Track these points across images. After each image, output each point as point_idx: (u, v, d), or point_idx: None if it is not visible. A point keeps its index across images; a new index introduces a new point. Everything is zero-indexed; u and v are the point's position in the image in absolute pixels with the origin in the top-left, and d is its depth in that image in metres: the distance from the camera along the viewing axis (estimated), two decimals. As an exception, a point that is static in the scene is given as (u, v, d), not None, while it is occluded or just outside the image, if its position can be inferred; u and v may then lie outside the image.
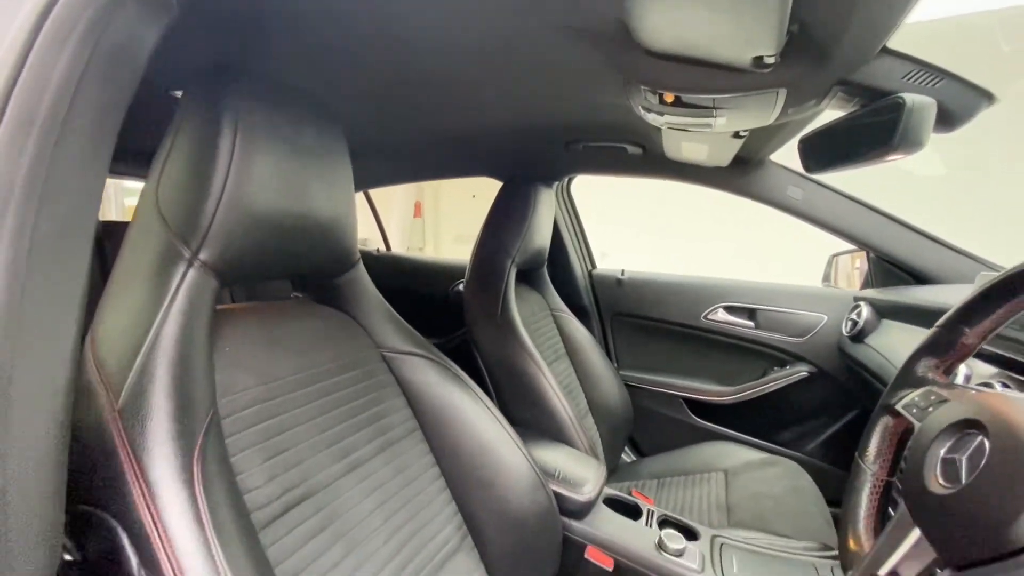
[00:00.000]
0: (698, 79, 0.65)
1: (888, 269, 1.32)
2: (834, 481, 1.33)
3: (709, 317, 1.54)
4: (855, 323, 1.25)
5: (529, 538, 0.78)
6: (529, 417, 1.14)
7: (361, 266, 0.78)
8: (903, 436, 0.56)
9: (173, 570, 0.38)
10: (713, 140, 1.04)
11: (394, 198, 4.84)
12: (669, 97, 0.72)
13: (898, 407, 0.55)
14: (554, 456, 0.97)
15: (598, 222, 1.78)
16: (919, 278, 1.25)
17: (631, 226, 2.51)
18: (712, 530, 0.91)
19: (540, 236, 1.33)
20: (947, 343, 0.52)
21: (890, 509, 0.54)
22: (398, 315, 0.82)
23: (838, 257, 1.60)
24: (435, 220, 5.31)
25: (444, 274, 1.88)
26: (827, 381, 1.40)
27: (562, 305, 1.52)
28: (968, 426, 0.42)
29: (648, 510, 0.94)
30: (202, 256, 0.52)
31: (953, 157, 2.13)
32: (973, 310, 0.50)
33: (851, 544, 0.53)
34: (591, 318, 1.69)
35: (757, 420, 1.49)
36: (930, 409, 0.50)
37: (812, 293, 1.47)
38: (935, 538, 0.41)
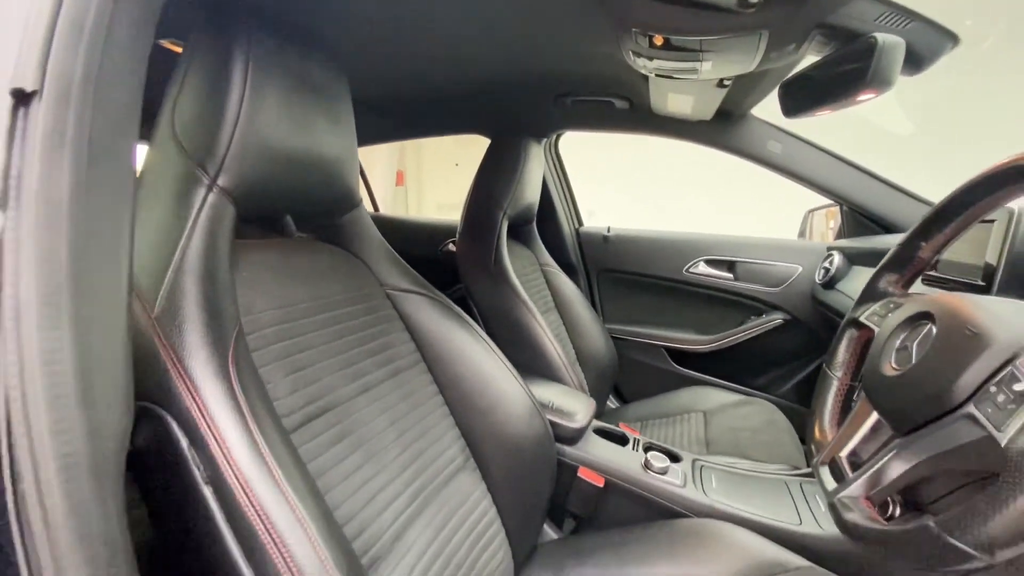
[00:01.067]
0: (687, 20, 0.69)
1: (860, 221, 1.39)
2: (804, 421, 1.43)
3: (691, 271, 1.61)
4: (827, 271, 1.33)
5: (527, 460, 0.85)
6: (524, 361, 1.19)
7: (363, 207, 0.81)
8: (865, 345, 0.63)
9: (219, 447, 0.42)
10: (698, 91, 1.08)
11: (376, 167, 4.78)
12: (659, 40, 0.75)
13: (861, 319, 0.61)
14: (548, 391, 1.03)
15: (584, 181, 1.82)
16: (889, 228, 1.33)
17: (616, 186, 2.56)
18: (693, 455, 0.99)
19: (530, 190, 1.37)
20: (905, 258, 0.58)
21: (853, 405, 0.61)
22: (398, 255, 0.86)
23: (813, 213, 1.67)
24: (418, 189, 5.27)
25: (433, 234, 1.91)
26: (800, 328, 1.49)
27: (551, 260, 1.56)
28: (919, 318, 0.48)
29: (634, 439, 1.01)
30: (220, 182, 0.54)
31: (923, 118, 2.22)
32: (929, 226, 0.56)
33: (817, 435, 0.60)
34: (578, 274, 1.75)
35: (734, 366, 1.58)
36: (889, 316, 0.56)
37: (788, 246, 1.55)
38: (888, 412, 0.47)
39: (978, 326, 0.40)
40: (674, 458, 0.96)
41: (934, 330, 0.45)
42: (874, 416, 0.51)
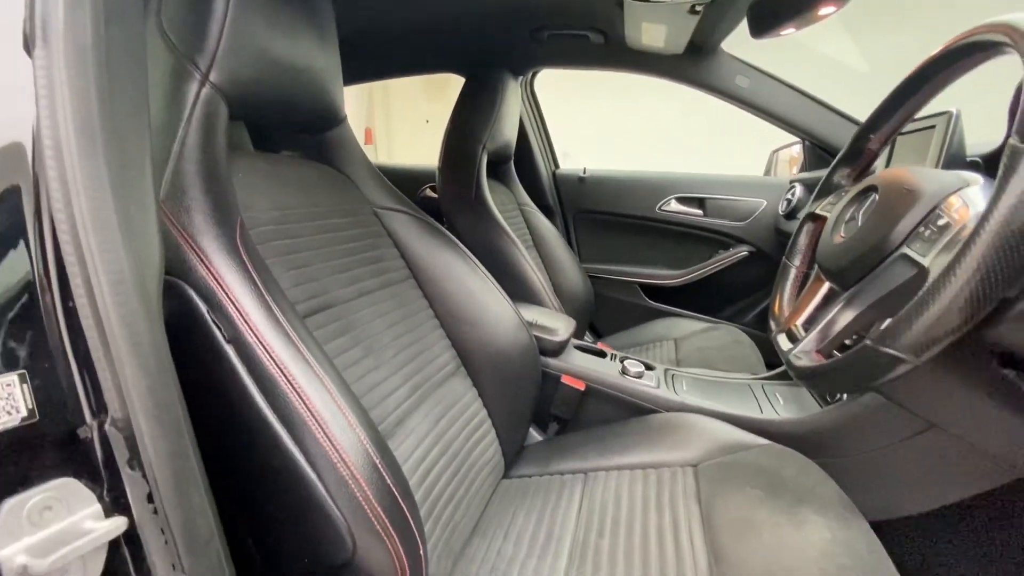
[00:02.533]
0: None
1: (820, 155, 1.46)
2: (769, 346, 1.54)
3: (663, 208, 1.67)
4: (789, 202, 1.40)
5: (513, 369, 0.90)
6: (508, 290, 1.23)
7: (348, 124, 0.83)
8: (820, 235, 0.69)
9: (237, 310, 0.45)
10: (670, 19, 1.11)
11: (344, 124, 4.63)
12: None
13: (817, 211, 0.67)
14: (531, 312, 1.08)
15: (559, 120, 1.84)
16: (845, 160, 1.41)
17: (590, 129, 2.58)
18: (664, 366, 1.07)
19: (508, 126, 1.39)
20: (856, 151, 0.64)
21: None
22: (382, 174, 0.88)
23: (777, 152, 1.74)
24: (387, 147, 5.15)
25: (411, 179, 1.91)
26: (764, 259, 1.58)
27: (529, 200, 1.60)
28: (866, 192, 0.54)
29: (611, 354, 1.08)
30: (213, 78, 0.55)
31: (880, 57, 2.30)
32: (876, 120, 0.62)
33: (776, 311, 0.67)
34: (555, 216, 1.79)
35: (703, 299, 1.67)
36: (839, 203, 0.63)
37: (754, 182, 1.62)
38: (837, 274, 0.54)
39: (913, 184, 0.46)
40: (648, 367, 1.04)
41: (877, 197, 0.51)
42: (825, 287, 0.58)
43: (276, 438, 0.44)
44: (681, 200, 1.66)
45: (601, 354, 1.07)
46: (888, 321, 0.40)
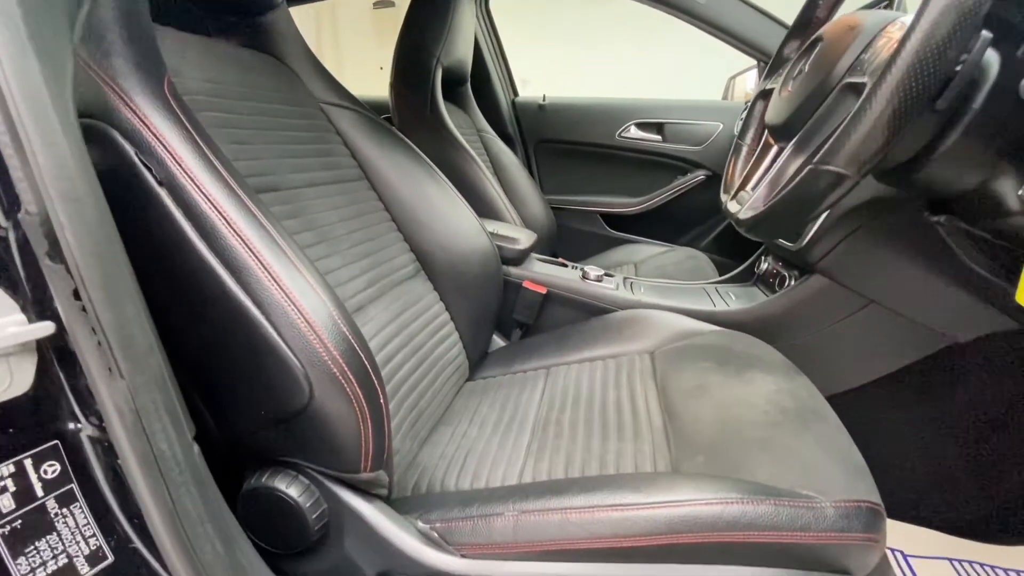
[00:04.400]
0: None
1: (774, 76, 1.48)
2: (725, 270, 1.59)
3: (623, 135, 1.67)
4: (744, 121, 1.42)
5: (475, 273, 0.90)
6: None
7: (286, 7, 0.77)
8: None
9: (168, 151, 0.42)
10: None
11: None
12: None
13: (767, 86, 0.68)
14: (492, 225, 1.07)
15: (517, 45, 1.79)
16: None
17: (548, 54, 2.51)
18: (624, 275, 1.09)
19: (463, 41, 1.33)
20: (805, 21, 0.65)
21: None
22: (325, 67, 0.83)
23: (734, 78, 1.75)
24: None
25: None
26: (719, 183, 1.61)
27: (488, 127, 1.56)
28: (812, 44, 0.55)
29: (572, 264, 1.09)
30: None
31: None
32: (825, -14, 0.62)
33: (726, 181, 0.69)
34: (516, 146, 1.76)
35: (662, 225, 1.70)
36: (788, 68, 0.63)
37: (712, 106, 1.63)
38: (783, 127, 0.55)
39: (855, 22, 0.47)
40: (608, 275, 1.06)
41: (823, 43, 0.52)
42: (773, 151, 0.60)
43: (220, 284, 0.42)
44: (640, 126, 1.65)
45: (563, 265, 1.08)
46: (828, 141, 0.41)
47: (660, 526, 0.43)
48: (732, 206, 0.62)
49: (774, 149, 0.59)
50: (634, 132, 1.66)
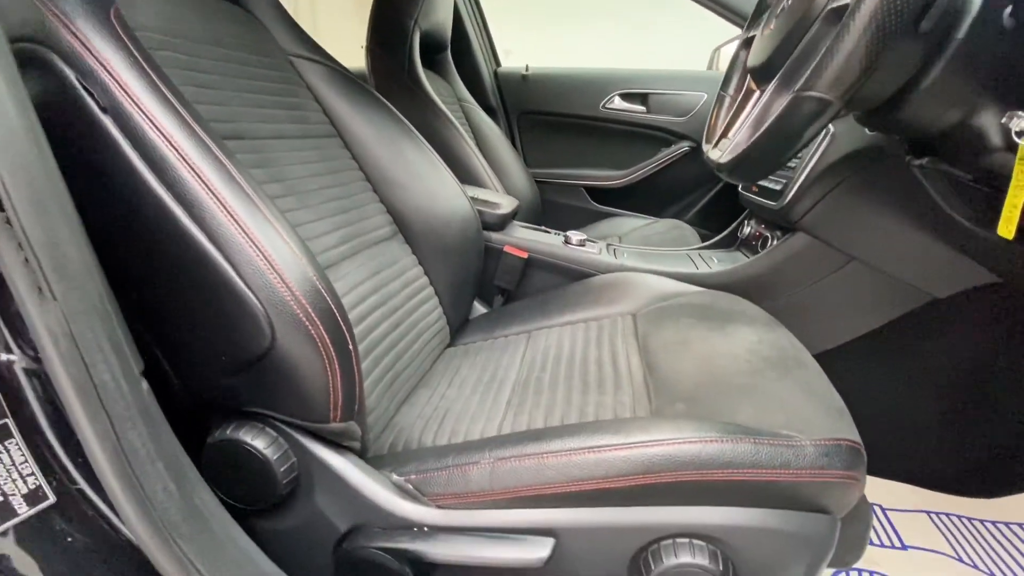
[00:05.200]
0: None
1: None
2: (709, 236, 1.59)
3: (607, 106, 1.64)
4: (729, 90, 1.41)
5: (454, 237, 0.88)
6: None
7: (250, -51, 0.73)
8: (753, 62, 0.69)
9: (111, 77, 0.39)
10: None
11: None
12: None
13: (749, 35, 0.66)
14: (472, 190, 1.05)
15: (499, 10, 1.74)
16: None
17: (531, 24, 2.45)
18: (606, 242, 1.08)
19: (442, 5, 1.29)
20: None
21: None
22: (293, 18, 0.80)
23: (719, 49, 1.73)
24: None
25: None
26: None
27: (469, 97, 1.52)
28: None
29: (555, 231, 1.07)
30: None
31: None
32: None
33: (708, 128, 0.67)
34: (498, 117, 1.73)
35: (647, 198, 1.68)
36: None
37: (696, 76, 1.61)
38: (766, 67, 0.53)
39: None
40: (590, 241, 1.04)
41: None
42: (755, 95, 0.58)
43: (172, 220, 0.40)
44: (624, 96, 1.63)
45: (545, 232, 1.06)
46: (808, 67, 0.40)
47: (637, 466, 0.42)
48: (714, 153, 0.61)
49: (756, 94, 0.57)
50: (618, 103, 1.64)
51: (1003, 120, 0.43)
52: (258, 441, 0.46)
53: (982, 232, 0.62)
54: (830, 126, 0.79)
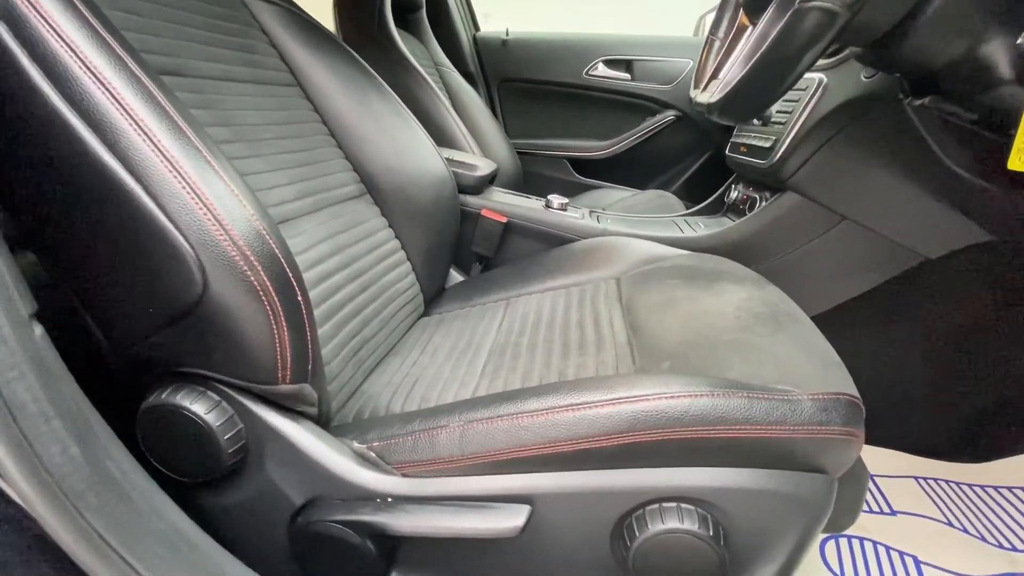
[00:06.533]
0: None
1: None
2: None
3: (590, 73, 1.59)
4: (715, 54, 1.36)
5: (427, 200, 0.82)
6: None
7: None
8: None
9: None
10: None
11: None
12: None
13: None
14: (448, 152, 0.99)
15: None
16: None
17: None
18: (589, 208, 1.04)
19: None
20: None
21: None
22: None
23: (706, 15, 1.68)
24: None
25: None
26: (689, 123, 1.56)
27: (447, 61, 1.45)
28: None
29: (535, 197, 1.02)
30: None
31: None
32: None
33: (700, 70, 0.63)
34: (478, 85, 1.66)
35: (632, 169, 1.64)
36: None
37: (681, 42, 1.56)
38: (757, 5, 0.48)
39: None
40: (572, 207, 0.99)
41: None
42: (748, 31, 0.53)
43: (80, 143, 0.34)
44: (608, 63, 1.57)
45: (525, 197, 1.01)
46: None
47: (621, 423, 0.38)
48: (703, 96, 0.56)
49: (749, 29, 0.53)
50: (602, 70, 1.58)
51: (1019, 40, 0.39)
52: (198, 405, 0.40)
53: (980, 182, 0.59)
54: (823, 77, 0.75)
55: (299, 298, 0.40)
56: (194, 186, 0.36)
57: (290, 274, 0.40)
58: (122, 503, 0.30)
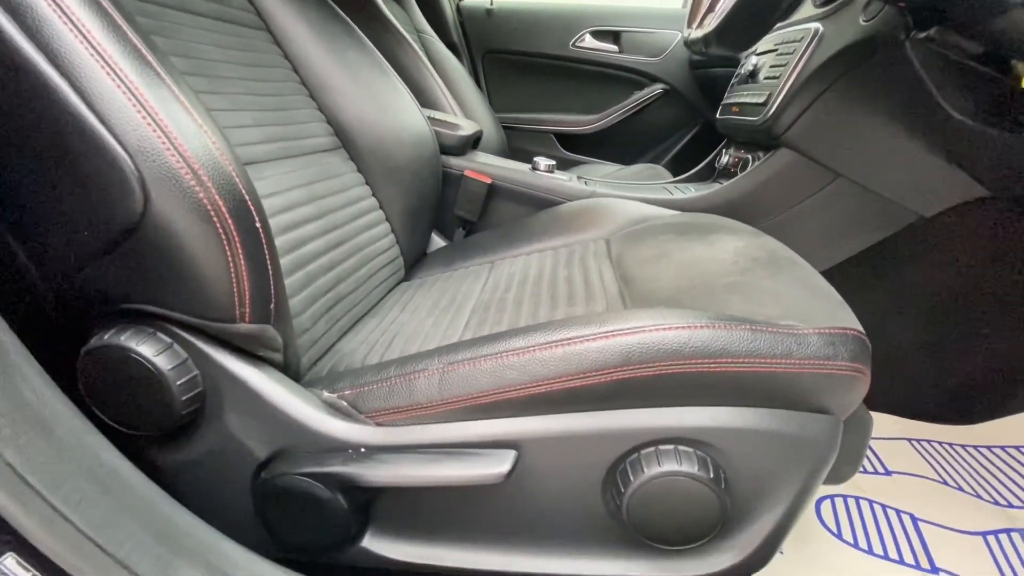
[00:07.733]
0: None
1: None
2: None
3: (577, 45, 1.55)
4: (704, 24, 1.33)
5: (407, 157, 0.78)
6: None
7: None
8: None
9: None
10: None
11: None
12: None
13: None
14: (428, 112, 0.95)
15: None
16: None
17: None
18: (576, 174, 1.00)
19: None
20: None
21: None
22: None
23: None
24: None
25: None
26: (677, 97, 1.53)
27: (429, 28, 1.40)
28: None
29: (520, 163, 0.99)
30: None
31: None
32: None
33: (694, 8, 0.60)
34: (462, 56, 1.61)
35: (619, 145, 1.61)
36: None
37: (670, 14, 1.53)
38: None
39: None
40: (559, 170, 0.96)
41: None
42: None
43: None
44: (596, 35, 1.53)
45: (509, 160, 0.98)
46: None
47: (613, 358, 0.35)
48: (697, 32, 0.53)
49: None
50: (589, 41, 1.54)
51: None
52: (146, 347, 0.36)
53: (978, 126, 0.57)
54: (820, 26, 0.73)
55: (257, 224, 0.36)
56: (133, 88, 0.31)
57: (247, 198, 0.35)
58: (42, 437, 0.26)
